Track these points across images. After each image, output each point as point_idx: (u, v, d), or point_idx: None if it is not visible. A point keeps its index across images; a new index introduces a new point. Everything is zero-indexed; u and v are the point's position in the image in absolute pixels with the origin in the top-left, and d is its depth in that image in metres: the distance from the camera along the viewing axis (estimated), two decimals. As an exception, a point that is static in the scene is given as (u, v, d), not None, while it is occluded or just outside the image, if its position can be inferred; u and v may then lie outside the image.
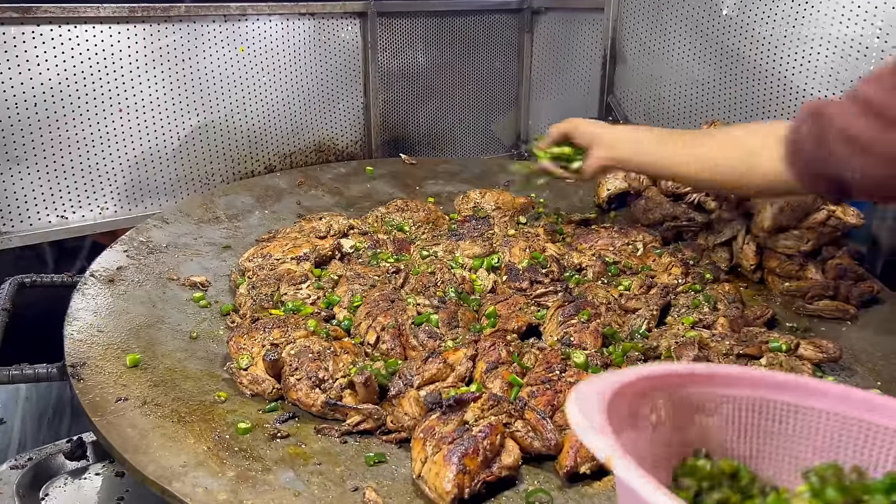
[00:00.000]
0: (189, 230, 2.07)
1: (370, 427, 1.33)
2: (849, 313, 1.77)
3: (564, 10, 2.98)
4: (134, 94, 2.20)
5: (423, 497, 1.17)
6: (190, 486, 1.15)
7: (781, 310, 1.83)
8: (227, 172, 2.45)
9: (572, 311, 1.63)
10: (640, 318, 1.65)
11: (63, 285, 1.87)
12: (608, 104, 2.72)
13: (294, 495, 1.15)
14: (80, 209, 2.19)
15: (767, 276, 1.92)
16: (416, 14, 2.75)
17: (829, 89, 2.06)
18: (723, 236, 2.01)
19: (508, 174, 2.67)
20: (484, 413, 1.28)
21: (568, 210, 2.37)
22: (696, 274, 1.90)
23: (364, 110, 2.72)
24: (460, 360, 1.45)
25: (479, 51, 2.96)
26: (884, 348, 1.66)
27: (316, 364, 1.40)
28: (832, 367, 1.57)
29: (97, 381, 1.39)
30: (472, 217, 2.20)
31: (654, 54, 2.53)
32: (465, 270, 1.88)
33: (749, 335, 1.60)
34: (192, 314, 1.70)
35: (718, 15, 2.30)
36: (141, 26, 2.17)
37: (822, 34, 2.05)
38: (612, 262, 1.95)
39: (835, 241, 1.90)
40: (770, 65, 2.19)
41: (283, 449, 1.27)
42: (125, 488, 1.49)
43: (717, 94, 2.37)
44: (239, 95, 2.42)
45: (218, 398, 1.39)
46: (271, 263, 1.84)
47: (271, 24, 2.42)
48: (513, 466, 1.22)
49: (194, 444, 1.25)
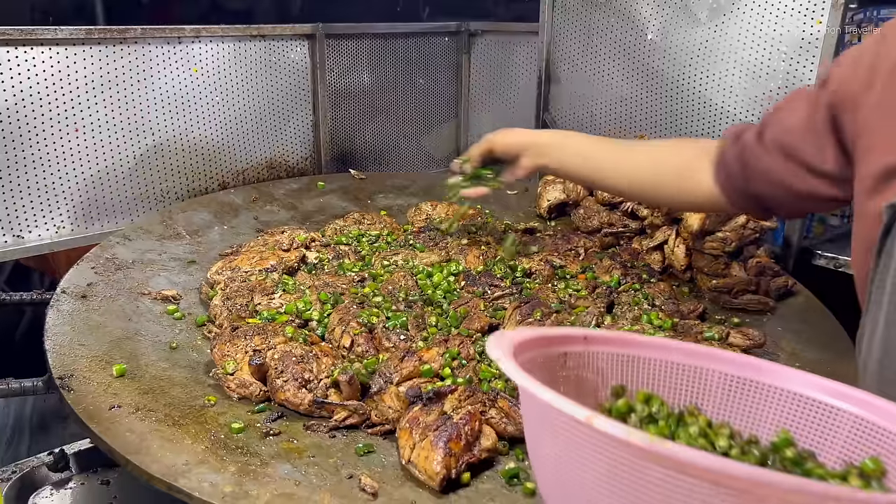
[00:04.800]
0: (152, 246, 2.12)
1: (356, 422, 1.44)
2: (768, 306, 2.00)
3: (500, 34, 3.17)
4: (90, 115, 2.24)
5: (413, 480, 1.29)
6: (196, 481, 1.23)
7: (710, 304, 2.04)
8: (182, 190, 2.50)
9: (528, 311, 1.79)
10: (589, 314, 1.82)
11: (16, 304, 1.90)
12: (544, 121, 2.91)
13: (295, 484, 1.25)
14: (37, 228, 2.20)
15: (696, 274, 2.12)
16: (361, 36, 2.87)
17: (742, 106, 2.30)
18: (655, 240, 2.21)
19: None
20: (461, 403, 1.41)
21: (513, 220, 2.53)
22: (633, 275, 2.09)
23: (313, 128, 2.82)
24: (434, 358, 1.58)
25: (422, 71, 3.11)
26: (800, 335, 1.88)
27: (301, 366, 1.50)
28: (758, 353, 1.77)
29: (87, 390, 1.44)
30: (426, 228, 2.33)
31: (586, 74, 2.74)
32: (426, 277, 2.01)
33: (685, 327, 1.79)
34: (168, 326, 1.76)
35: (644, 39, 2.52)
36: (97, 48, 2.21)
37: (735, 57, 2.29)
38: (558, 265, 2.11)
39: (754, 241, 2.12)
40: (690, 84, 2.43)
41: (276, 445, 1.36)
42: (112, 495, 1.55)
43: (644, 110, 2.59)
44: (193, 115, 2.48)
45: (208, 402, 1.47)
46: (241, 276, 1.92)
47: (224, 45, 2.50)
48: (491, 449, 1.35)
49: (192, 445, 1.33)
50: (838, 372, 1.67)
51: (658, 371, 1.08)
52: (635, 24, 2.53)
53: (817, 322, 1.93)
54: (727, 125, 2.35)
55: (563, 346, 1.05)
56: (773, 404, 1.03)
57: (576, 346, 1.06)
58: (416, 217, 2.46)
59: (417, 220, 2.45)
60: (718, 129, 2.38)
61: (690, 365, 1.08)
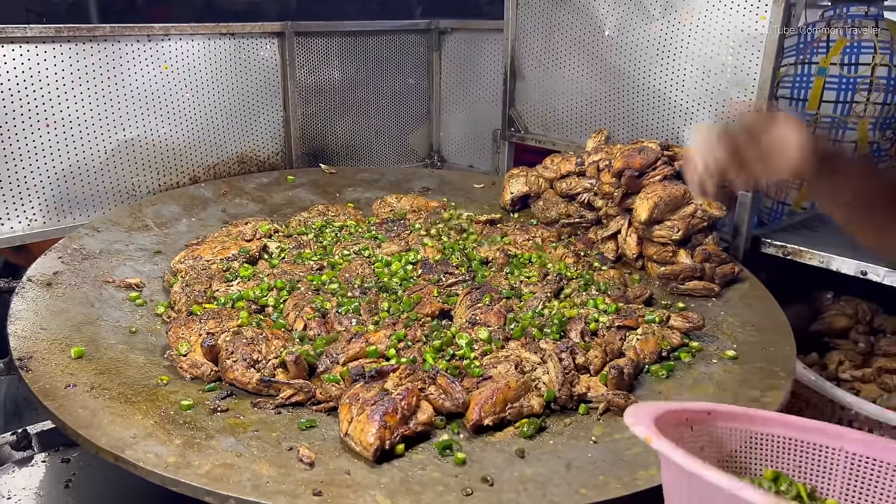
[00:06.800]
0: (120, 237, 2.19)
1: (301, 399, 1.51)
2: (713, 291, 2.07)
3: (468, 31, 3.23)
4: (61, 110, 2.30)
5: (350, 451, 1.36)
6: (142, 452, 1.29)
7: (659, 291, 2.11)
8: (153, 184, 2.57)
9: (478, 296, 1.86)
10: (536, 299, 1.89)
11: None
12: (510, 116, 2.98)
13: (237, 456, 1.31)
14: (9, 221, 2.26)
15: (646, 262, 2.20)
16: (331, 34, 2.93)
17: (695, 99, 2.37)
18: (609, 230, 2.28)
19: (423, 180, 2.89)
20: (402, 381, 1.48)
21: (477, 212, 2.59)
22: (585, 263, 2.16)
23: (284, 124, 2.89)
24: (380, 340, 1.65)
25: (392, 68, 3.18)
26: (741, 318, 1.95)
27: (250, 347, 1.57)
28: (698, 335, 1.84)
29: (45, 371, 1.51)
30: (389, 220, 2.40)
31: (548, 70, 2.81)
32: (384, 266, 2.07)
33: (628, 311, 1.86)
34: (129, 312, 1.83)
35: (601, 35, 2.59)
36: (67, 45, 2.27)
37: (687, 52, 2.36)
38: (513, 255, 2.18)
39: (703, 230, 2.19)
40: (646, 79, 2.50)
41: (223, 420, 1.43)
42: (72, 472, 1.61)
43: (603, 105, 2.66)
44: (163, 111, 2.54)
45: (160, 381, 1.53)
46: (202, 264, 1.98)
47: (193, 43, 2.56)
48: (427, 423, 1.42)
49: (142, 420, 1.40)
50: (773, 352, 1.74)
51: (781, 447, 1.09)
52: (593, 20, 2.60)
53: (759, 306, 2.00)
54: (682, 120, 2.42)
55: (688, 417, 1.07)
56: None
57: (700, 418, 1.08)
58: (381, 209, 2.53)
59: (382, 212, 2.52)
60: (674, 123, 2.45)
61: (816, 443, 1.07)
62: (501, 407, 1.46)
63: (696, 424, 1.07)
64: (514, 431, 1.45)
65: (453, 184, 2.90)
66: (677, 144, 2.37)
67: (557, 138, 2.85)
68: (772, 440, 1.09)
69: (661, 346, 1.73)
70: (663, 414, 1.02)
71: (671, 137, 2.46)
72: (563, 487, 1.27)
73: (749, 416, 1.10)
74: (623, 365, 1.59)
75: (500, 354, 1.63)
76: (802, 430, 1.08)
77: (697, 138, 1.45)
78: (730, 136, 1.38)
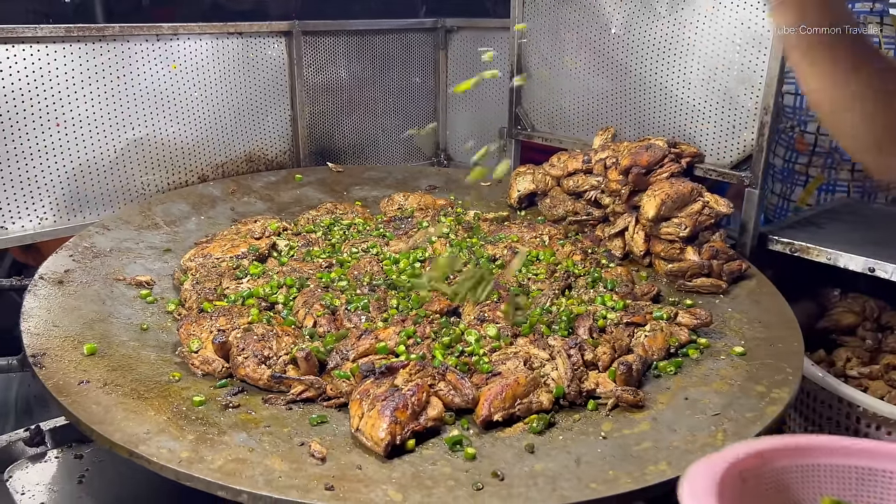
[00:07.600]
0: (130, 236, 2.20)
1: (312, 395, 1.52)
2: (721, 288, 2.07)
3: (474, 29, 3.24)
4: (71, 110, 2.32)
5: (361, 447, 1.37)
6: (155, 447, 1.31)
7: (666, 288, 2.12)
8: (162, 182, 2.58)
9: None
10: (544, 296, 1.90)
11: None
12: (516, 114, 2.98)
13: (249, 451, 1.33)
14: (21, 219, 2.28)
15: (654, 259, 2.20)
16: (338, 33, 2.95)
17: (702, 97, 2.37)
18: (616, 227, 2.29)
19: (430, 179, 2.90)
20: (412, 377, 1.49)
21: (484, 210, 2.60)
22: (593, 260, 2.17)
23: (291, 122, 2.90)
24: (390, 337, 1.66)
25: (399, 66, 3.19)
26: (749, 315, 1.95)
27: (261, 344, 1.58)
28: (706, 331, 1.85)
29: (58, 367, 1.52)
30: (396, 217, 2.41)
31: (555, 68, 2.81)
32: (392, 263, 2.08)
33: (636, 308, 1.87)
34: (140, 309, 1.84)
35: (608, 33, 2.60)
36: (77, 45, 2.29)
37: (693, 50, 2.36)
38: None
39: (711, 227, 2.19)
40: (652, 76, 2.50)
41: (235, 416, 1.44)
42: (85, 468, 1.63)
43: (610, 103, 2.67)
44: (172, 110, 2.56)
45: (172, 378, 1.55)
46: (212, 262, 2.00)
47: (202, 42, 2.58)
48: (437, 418, 1.43)
49: (155, 416, 1.41)
50: (780, 348, 1.75)
51: (841, 477, 1.04)
52: (600, 18, 2.61)
53: (767, 303, 2.00)
54: (689, 118, 2.42)
55: (741, 470, 1.01)
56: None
57: (753, 465, 1.02)
58: (389, 207, 2.55)
59: (390, 210, 2.53)
60: (681, 121, 2.45)
61: (875, 468, 1.03)
62: (511, 403, 1.47)
63: (750, 475, 1.01)
64: (524, 427, 1.45)
65: (460, 182, 2.91)
66: (684, 142, 2.38)
67: (564, 136, 2.86)
68: (823, 469, 1.04)
69: (669, 343, 1.74)
70: (720, 480, 0.96)
71: (678, 135, 2.46)
72: (572, 482, 1.28)
73: (800, 449, 1.03)
74: (631, 361, 1.60)
75: (508, 351, 1.64)
76: (852, 455, 1.03)
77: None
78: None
